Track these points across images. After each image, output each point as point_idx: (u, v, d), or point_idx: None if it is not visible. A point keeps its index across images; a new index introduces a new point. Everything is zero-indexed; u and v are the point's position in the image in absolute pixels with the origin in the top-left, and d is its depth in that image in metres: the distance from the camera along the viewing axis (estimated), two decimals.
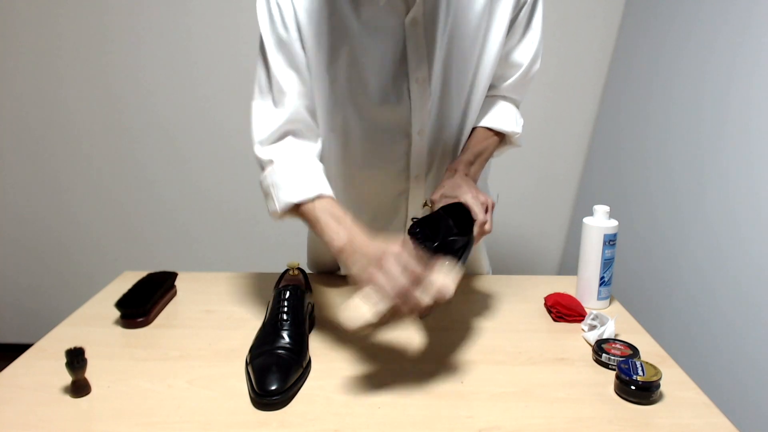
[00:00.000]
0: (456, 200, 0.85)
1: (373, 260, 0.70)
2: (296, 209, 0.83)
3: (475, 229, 0.83)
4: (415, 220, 0.87)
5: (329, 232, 0.78)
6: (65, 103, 2.01)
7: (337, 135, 0.95)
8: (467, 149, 0.96)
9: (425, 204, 1.01)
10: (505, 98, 1.01)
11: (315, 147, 0.90)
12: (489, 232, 0.84)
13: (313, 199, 0.81)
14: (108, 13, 1.91)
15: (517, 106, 1.04)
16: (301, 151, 0.88)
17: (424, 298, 0.69)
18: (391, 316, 0.70)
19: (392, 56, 0.87)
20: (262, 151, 0.88)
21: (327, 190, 0.83)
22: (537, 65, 0.97)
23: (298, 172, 0.85)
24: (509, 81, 0.98)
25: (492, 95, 1.00)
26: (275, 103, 0.87)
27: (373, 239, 0.74)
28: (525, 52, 0.95)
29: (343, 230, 0.77)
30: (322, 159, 0.91)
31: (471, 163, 0.94)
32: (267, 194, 0.87)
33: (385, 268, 0.68)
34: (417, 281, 0.69)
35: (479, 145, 0.97)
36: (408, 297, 0.68)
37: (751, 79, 1.24)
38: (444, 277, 0.71)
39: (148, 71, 1.97)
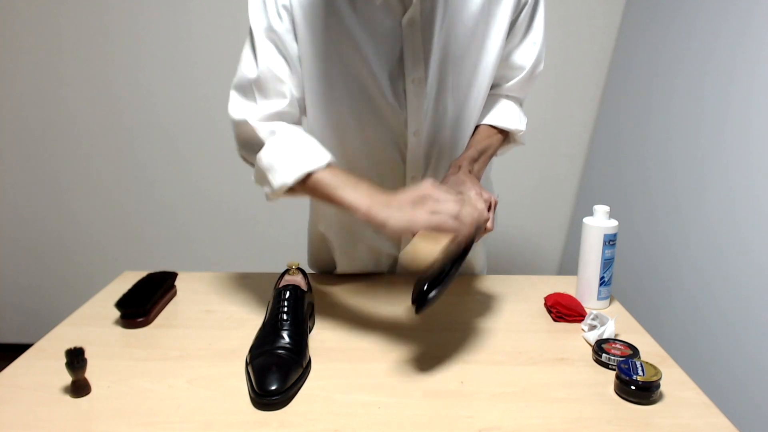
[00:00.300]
0: (459, 196, 0.85)
1: (416, 200, 0.71)
2: (303, 182, 0.81)
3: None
4: None
5: (350, 197, 0.76)
6: (65, 103, 2.01)
7: (332, 135, 0.94)
8: (471, 146, 0.96)
9: None
10: (508, 96, 1.01)
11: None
12: (491, 230, 0.84)
13: (324, 167, 0.81)
14: (108, 13, 1.91)
15: (521, 104, 1.04)
16: (298, 128, 0.88)
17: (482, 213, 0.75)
18: (453, 243, 0.73)
19: (389, 56, 0.87)
20: (261, 126, 0.86)
21: (333, 159, 0.83)
22: (540, 67, 0.97)
23: (304, 142, 0.85)
24: (512, 82, 0.98)
25: (495, 93, 1.00)
26: (262, 91, 0.86)
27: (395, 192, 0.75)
28: (527, 54, 0.95)
29: (364, 191, 0.76)
30: None
31: (475, 160, 0.93)
32: (270, 168, 0.83)
33: (434, 198, 0.71)
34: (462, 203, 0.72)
35: (483, 142, 0.96)
36: (466, 216, 0.71)
37: (751, 79, 1.23)
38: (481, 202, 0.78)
39: (148, 71, 1.97)
